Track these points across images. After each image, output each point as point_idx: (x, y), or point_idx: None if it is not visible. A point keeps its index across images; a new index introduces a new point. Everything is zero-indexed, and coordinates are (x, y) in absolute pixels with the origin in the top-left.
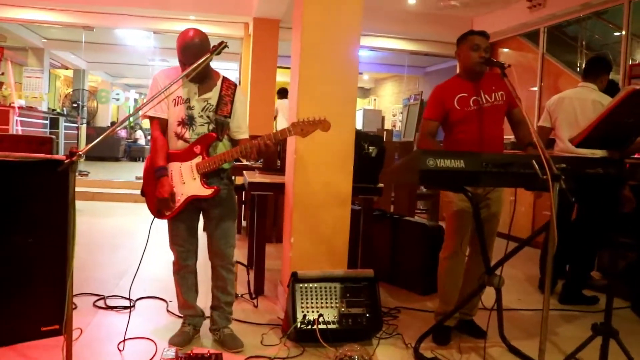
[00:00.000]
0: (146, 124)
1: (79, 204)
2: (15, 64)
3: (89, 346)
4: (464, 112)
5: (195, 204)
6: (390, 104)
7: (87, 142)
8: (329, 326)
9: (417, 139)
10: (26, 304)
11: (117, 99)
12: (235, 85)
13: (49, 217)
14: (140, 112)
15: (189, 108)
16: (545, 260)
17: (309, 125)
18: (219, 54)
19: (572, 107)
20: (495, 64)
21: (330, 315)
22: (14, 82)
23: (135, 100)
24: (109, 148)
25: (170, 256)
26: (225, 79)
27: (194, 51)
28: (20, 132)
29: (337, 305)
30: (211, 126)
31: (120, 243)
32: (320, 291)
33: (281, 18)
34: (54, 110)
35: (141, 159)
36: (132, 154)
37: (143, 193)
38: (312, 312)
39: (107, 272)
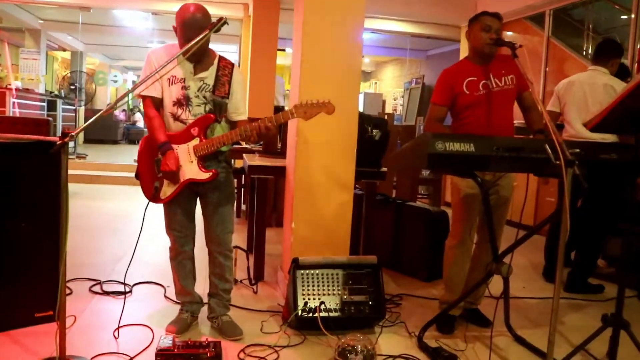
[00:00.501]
0: None
1: (76, 187)
2: (11, 45)
3: (84, 333)
4: (473, 96)
5: (192, 188)
6: (391, 88)
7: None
8: (331, 314)
9: (424, 124)
10: (20, 290)
11: (115, 81)
12: (233, 65)
13: (42, 201)
14: (135, 92)
15: (185, 88)
16: (551, 248)
17: (313, 107)
18: (217, 31)
19: (582, 92)
20: (505, 44)
21: (332, 302)
22: (11, 63)
23: (134, 82)
24: (107, 131)
25: (167, 241)
26: (222, 58)
27: (196, 26)
28: (17, 115)
29: (340, 292)
30: (208, 107)
31: (118, 227)
32: (322, 278)
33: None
34: (51, 92)
35: (140, 141)
36: (131, 136)
37: (137, 176)
38: (314, 299)
39: (104, 256)
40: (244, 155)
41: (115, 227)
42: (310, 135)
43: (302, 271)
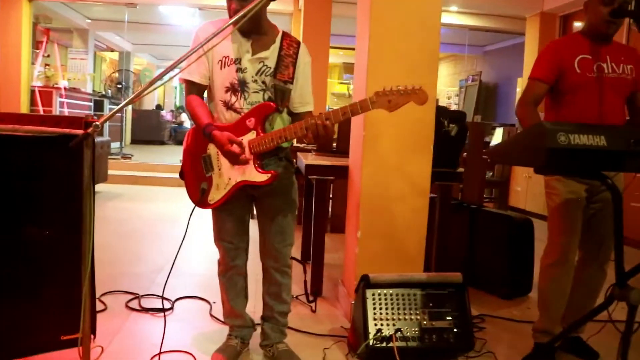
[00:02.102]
0: None
1: (121, 188)
2: (61, 46)
3: None
4: (585, 77)
5: (246, 192)
6: (444, 87)
7: (132, 126)
8: (409, 343)
9: (517, 105)
10: (43, 309)
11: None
12: (299, 43)
13: (70, 204)
14: (174, 74)
15: (240, 70)
16: None
17: (399, 95)
18: None
19: None
20: (627, 14)
21: (409, 329)
22: (60, 64)
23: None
24: (154, 131)
25: (214, 250)
26: (286, 35)
27: None
28: (66, 114)
29: (418, 317)
30: (267, 94)
31: (161, 232)
32: (397, 299)
33: None
34: (98, 92)
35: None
36: (178, 137)
37: (182, 175)
38: (388, 325)
39: (144, 265)
40: (298, 154)
41: (159, 232)
42: (380, 131)
43: (374, 291)
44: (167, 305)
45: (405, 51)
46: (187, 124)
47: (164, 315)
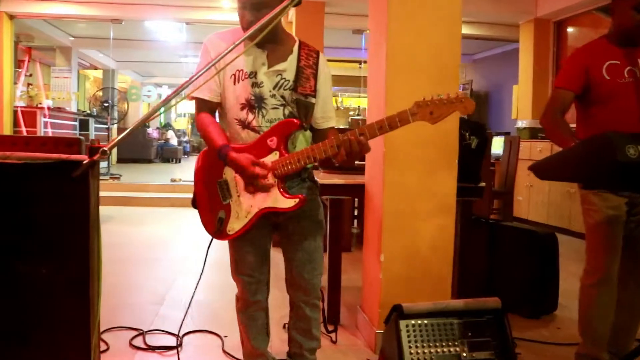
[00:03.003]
0: (179, 124)
1: (110, 210)
2: (43, 64)
3: None
4: (615, 83)
5: (268, 218)
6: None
7: (119, 145)
8: None
9: (543, 116)
10: (41, 352)
11: (149, 96)
12: (318, 53)
13: (68, 239)
14: (185, 92)
15: (256, 85)
16: None
17: (443, 105)
18: (299, 4)
19: None
20: None
21: None
22: (43, 83)
23: None
24: (140, 149)
25: (222, 277)
26: (303, 44)
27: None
28: (50, 135)
29: (457, 348)
30: (287, 110)
31: (157, 257)
32: (434, 330)
33: (326, 1)
34: (83, 111)
35: (174, 160)
36: (165, 154)
37: (195, 203)
38: (425, 358)
39: (143, 296)
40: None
41: (155, 257)
42: (401, 145)
43: (408, 321)
44: (174, 342)
45: (425, 60)
46: (174, 141)
47: (178, 354)
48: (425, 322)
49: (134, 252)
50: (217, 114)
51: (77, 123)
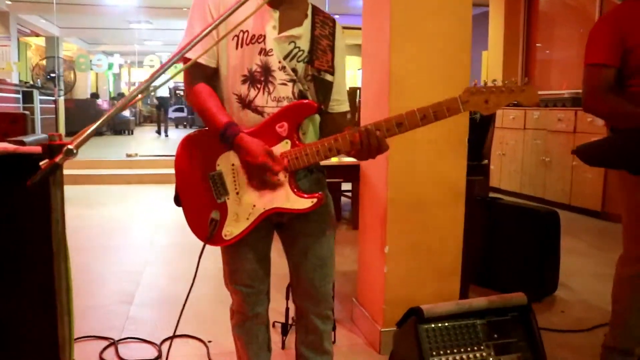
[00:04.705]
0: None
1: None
2: None
3: None
4: None
5: (269, 218)
6: None
7: (67, 118)
8: None
9: (586, 99)
10: None
11: (100, 66)
12: (334, 21)
13: (23, 253)
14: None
15: (264, 52)
16: None
17: (501, 94)
18: None
19: None
20: None
21: None
22: None
23: (121, 66)
24: (89, 121)
25: (191, 268)
26: (317, 9)
27: None
28: None
29: (483, 352)
30: (297, 88)
31: (118, 244)
32: (456, 333)
33: None
34: (26, 82)
35: (126, 131)
36: (116, 126)
37: (178, 200)
38: None
39: (109, 295)
40: None
41: (116, 244)
42: None
43: (427, 326)
44: (153, 352)
45: (432, 29)
46: (126, 112)
47: None
48: (447, 324)
49: (91, 239)
50: None
51: (20, 96)
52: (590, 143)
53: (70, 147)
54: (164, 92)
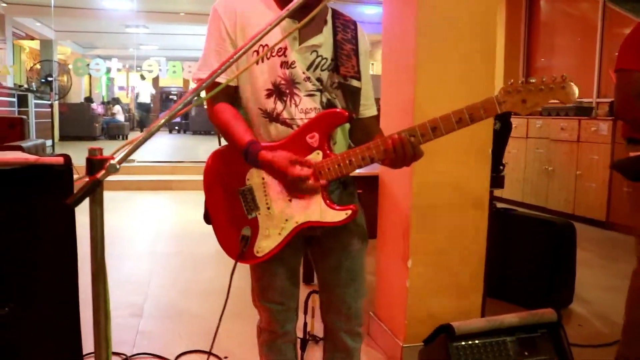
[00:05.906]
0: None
1: None
2: None
3: None
4: None
5: (302, 233)
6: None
7: (61, 122)
8: None
9: (621, 107)
10: None
11: (98, 70)
12: (355, 24)
13: (42, 265)
14: (195, 75)
15: (286, 65)
16: None
17: (539, 93)
18: None
19: None
20: None
21: None
22: None
23: (119, 70)
24: (84, 126)
25: (217, 281)
26: (336, 13)
27: None
28: None
29: None
30: (324, 97)
31: (120, 253)
32: (487, 351)
33: None
34: (21, 86)
35: (121, 136)
36: (111, 131)
37: (207, 218)
38: None
39: (117, 307)
40: None
41: (119, 253)
42: None
43: (458, 344)
44: None
45: (457, 39)
46: (120, 116)
47: None
48: (477, 342)
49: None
50: None
51: (15, 99)
52: (631, 158)
53: (113, 162)
54: (145, 98)
